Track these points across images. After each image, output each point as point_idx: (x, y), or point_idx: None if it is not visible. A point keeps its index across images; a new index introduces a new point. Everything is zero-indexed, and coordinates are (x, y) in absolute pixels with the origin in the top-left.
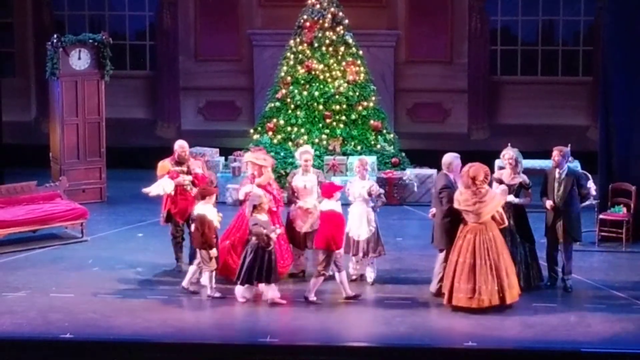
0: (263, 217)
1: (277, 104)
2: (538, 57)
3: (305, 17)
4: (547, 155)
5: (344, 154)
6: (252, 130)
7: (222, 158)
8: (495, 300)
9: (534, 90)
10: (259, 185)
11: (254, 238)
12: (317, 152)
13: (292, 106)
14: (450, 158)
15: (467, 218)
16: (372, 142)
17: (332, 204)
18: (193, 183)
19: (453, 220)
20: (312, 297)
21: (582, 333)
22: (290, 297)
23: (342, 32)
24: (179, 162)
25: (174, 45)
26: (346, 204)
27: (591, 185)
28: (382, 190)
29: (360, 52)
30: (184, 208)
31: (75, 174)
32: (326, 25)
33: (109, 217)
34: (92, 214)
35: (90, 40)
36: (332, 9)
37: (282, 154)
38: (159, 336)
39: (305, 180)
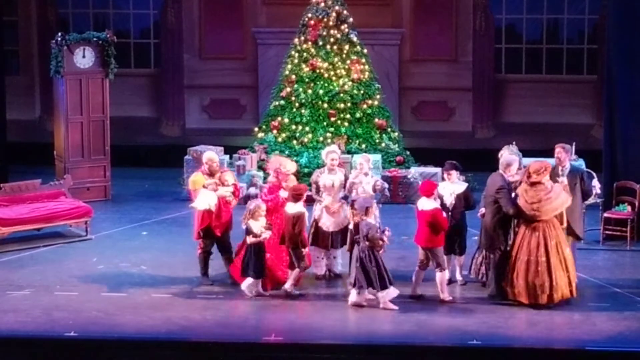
0: (372, 220)
1: (282, 102)
2: (543, 55)
3: (309, 15)
4: (551, 153)
5: (349, 152)
6: (256, 129)
7: (227, 156)
8: (567, 294)
9: (539, 88)
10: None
11: (364, 243)
12: (322, 151)
13: (297, 104)
14: (509, 159)
15: (533, 215)
16: (377, 141)
17: (432, 202)
18: (233, 194)
19: (503, 218)
20: (447, 297)
21: (586, 331)
22: (288, 295)
23: (346, 30)
24: (210, 175)
25: (178, 43)
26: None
27: (596, 184)
28: (386, 185)
29: (365, 51)
30: (226, 221)
31: (79, 172)
32: (331, 23)
33: (113, 215)
34: (97, 212)
35: (95, 39)
36: (337, 7)
37: (286, 152)
38: (164, 334)
39: (332, 178)
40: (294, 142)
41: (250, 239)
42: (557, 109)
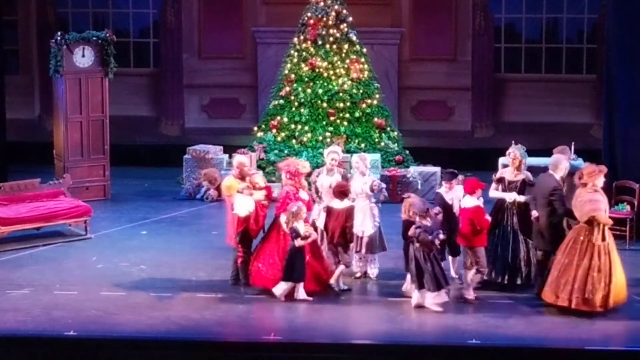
0: (428, 221)
1: (281, 101)
2: (542, 54)
3: (309, 14)
4: (551, 153)
5: (348, 151)
6: (255, 128)
7: (226, 155)
8: (578, 303)
9: (538, 88)
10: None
11: (417, 245)
12: (321, 150)
13: (296, 104)
14: (558, 159)
15: (577, 215)
16: (376, 140)
17: (475, 201)
18: (266, 196)
19: (558, 221)
20: (471, 296)
21: (585, 331)
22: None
23: (346, 29)
24: (241, 178)
25: (177, 42)
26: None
27: None
28: (383, 185)
29: (364, 50)
30: (262, 224)
31: (79, 171)
32: (330, 22)
33: (112, 214)
34: (96, 211)
35: (94, 38)
36: (336, 7)
37: (285, 151)
38: (163, 333)
39: (330, 180)
40: (293, 141)
41: (299, 242)
42: (557, 108)
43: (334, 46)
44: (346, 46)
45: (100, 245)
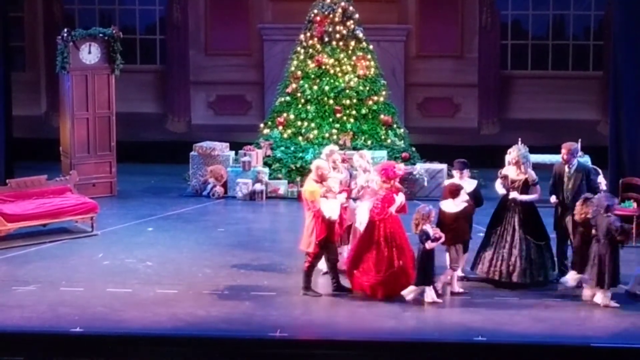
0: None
1: (288, 98)
2: (549, 51)
3: (315, 11)
4: (557, 150)
5: (354, 148)
6: (262, 125)
7: (232, 152)
8: None
9: (545, 84)
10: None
11: (605, 239)
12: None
13: (303, 101)
14: None
15: None
16: (383, 137)
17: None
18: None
19: None
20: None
21: (591, 328)
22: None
23: (352, 26)
24: (320, 182)
25: (184, 39)
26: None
27: (601, 180)
28: None
29: (371, 47)
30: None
31: (85, 168)
32: (337, 19)
33: (119, 211)
34: (102, 208)
35: (101, 35)
36: (343, 3)
37: (292, 148)
38: (169, 330)
39: (340, 177)
40: (300, 138)
41: (429, 244)
42: (563, 105)
43: (341, 43)
44: (353, 43)
45: (106, 241)
